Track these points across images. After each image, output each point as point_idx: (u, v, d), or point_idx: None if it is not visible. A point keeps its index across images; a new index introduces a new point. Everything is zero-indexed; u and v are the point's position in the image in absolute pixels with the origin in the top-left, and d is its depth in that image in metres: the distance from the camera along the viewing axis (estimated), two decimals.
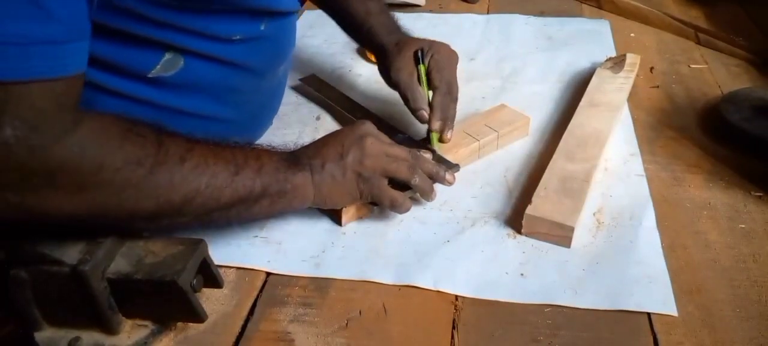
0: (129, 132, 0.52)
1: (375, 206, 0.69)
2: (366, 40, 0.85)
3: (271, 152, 0.63)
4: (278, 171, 0.61)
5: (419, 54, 0.76)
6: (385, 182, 0.65)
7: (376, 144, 0.65)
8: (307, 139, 0.79)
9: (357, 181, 0.64)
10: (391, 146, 0.67)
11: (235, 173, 0.58)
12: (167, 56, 0.63)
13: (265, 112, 0.82)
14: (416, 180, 0.66)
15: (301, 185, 0.62)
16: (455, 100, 0.76)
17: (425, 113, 0.74)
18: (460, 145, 0.76)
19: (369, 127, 0.67)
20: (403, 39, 0.81)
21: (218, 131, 0.61)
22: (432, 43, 0.79)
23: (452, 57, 0.79)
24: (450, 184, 0.70)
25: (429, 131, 0.75)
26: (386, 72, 0.79)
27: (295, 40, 0.82)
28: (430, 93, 0.75)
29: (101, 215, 0.51)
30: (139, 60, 0.63)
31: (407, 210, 0.67)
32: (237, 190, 0.58)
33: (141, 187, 0.52)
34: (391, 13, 0.86)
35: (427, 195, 0.68)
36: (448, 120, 0.75)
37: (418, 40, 0.80)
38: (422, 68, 0.76)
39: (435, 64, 0.76)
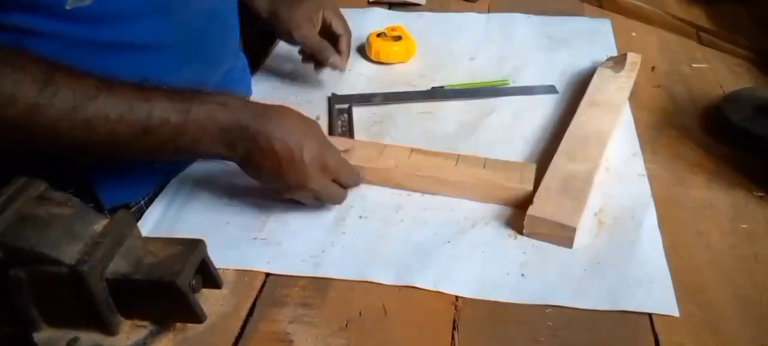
0: (6, 65, 0.53)
1: None
2: None
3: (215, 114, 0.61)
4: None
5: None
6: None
7: (329, 180, 0.66)
8: None
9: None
10: (339, 166, 0.67)
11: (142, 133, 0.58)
12: None
13: (206, 38, 0.78)
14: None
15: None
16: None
17: (338, 59, 0.87)
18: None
19: (324, 148, 0.66)
20: None
21: (159, 62, 0.61)
22: None
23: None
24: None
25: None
26: (283, 27, 0.87)
27: None
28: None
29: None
30: None
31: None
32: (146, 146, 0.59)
33: (19, 123, 0.53)
34: None
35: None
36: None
37: None
38: None
39: (331, 15, 0.88)
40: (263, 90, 0.93)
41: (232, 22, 0.86)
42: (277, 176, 0.64)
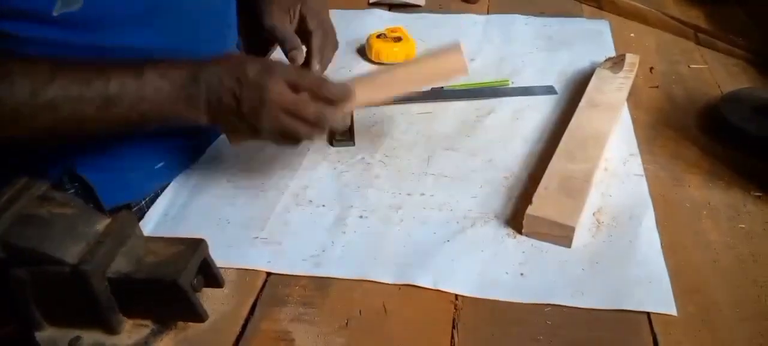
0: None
1: None
2: None
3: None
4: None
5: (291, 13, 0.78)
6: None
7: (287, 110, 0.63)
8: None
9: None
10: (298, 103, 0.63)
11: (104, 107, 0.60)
12: None
13: (201, 40, 0.77)
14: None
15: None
16: (333, 43, 0.79)
17: (299, 54, 0.75)
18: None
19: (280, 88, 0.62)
20: None
21: None
22: None
23: (324, 2, 0.81)
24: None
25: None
26: (259, 17, 0.78)
27: None
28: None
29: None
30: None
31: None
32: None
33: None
34: None
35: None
36: (326, 62, 0.78)
37: None
38: None
39: (308, 11, 0.78)
40: None
41: (229, 20, 0.85)
42: (239, 118, 0.63)
